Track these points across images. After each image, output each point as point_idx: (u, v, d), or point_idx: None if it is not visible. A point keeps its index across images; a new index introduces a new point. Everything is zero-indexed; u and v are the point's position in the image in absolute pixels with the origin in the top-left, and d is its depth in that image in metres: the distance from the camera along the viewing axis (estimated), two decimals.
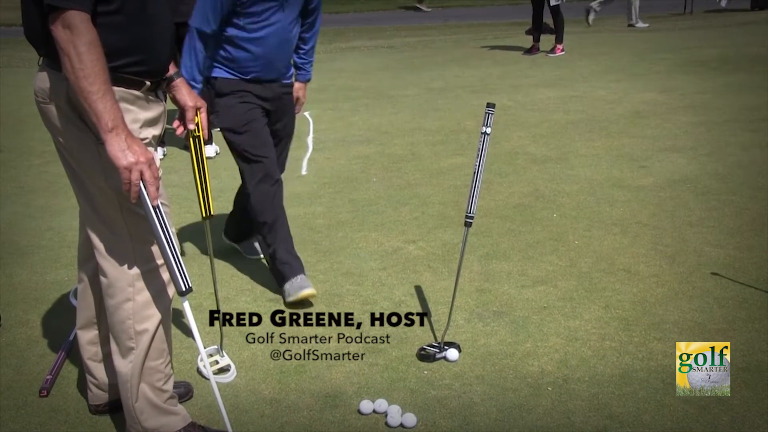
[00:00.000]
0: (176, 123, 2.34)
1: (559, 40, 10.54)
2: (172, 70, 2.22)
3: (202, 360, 2.72)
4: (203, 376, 2.73)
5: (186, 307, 2.09)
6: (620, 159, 5.35)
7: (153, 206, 1.96)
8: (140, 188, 1.93)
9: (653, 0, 18.25)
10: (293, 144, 3.65)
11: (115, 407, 2.45)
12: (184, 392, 2.56)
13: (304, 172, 5.47)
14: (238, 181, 3.41)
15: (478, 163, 2.80)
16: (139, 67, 2.01)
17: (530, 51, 10.79)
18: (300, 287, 3.21)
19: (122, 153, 1.87)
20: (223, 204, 4.64)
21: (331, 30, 16.72)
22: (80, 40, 1.80)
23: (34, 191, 5.14)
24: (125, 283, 2.14)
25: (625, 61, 9.53)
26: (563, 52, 10.43)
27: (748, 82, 7.82)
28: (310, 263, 3.73)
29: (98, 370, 2.43)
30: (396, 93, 8.31)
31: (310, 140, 6.33)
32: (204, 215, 2.47)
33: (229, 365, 2.78)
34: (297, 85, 3.53)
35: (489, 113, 2.84)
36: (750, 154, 5.30)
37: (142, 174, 1.91)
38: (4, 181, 5.39)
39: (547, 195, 4.65)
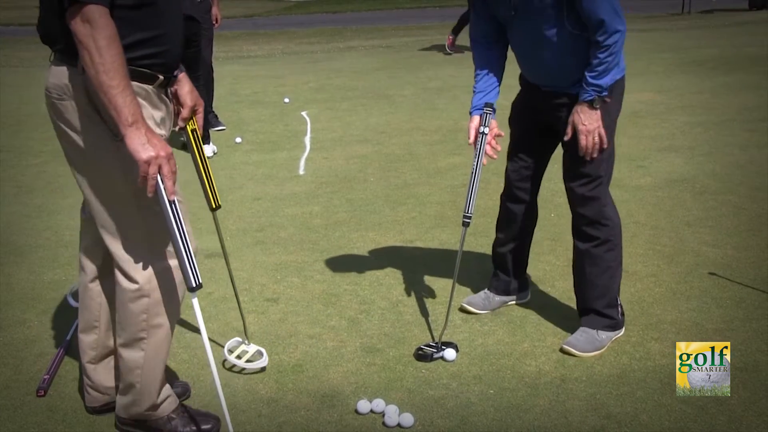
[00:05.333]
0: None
1: None
2: None
3: (230, 352, 2.74)
4: (230, 371, 2.73)
5: (195, 303, 2.09)
6: (618, 159, 5.24)
7: (169, 201, 1.97)
8: (157, 182, 1.94)
9: (651, 0, 18.29)
10: (291, 144, 3.63)
11: (112, 408, 2.44)
12: (181, 392, 2.56)
13: (301, 171, 5.46)
14: (236, 181, 3.39)
15: (475, 163, 2.81)
16: (153, 59, 2.01)
17: None
18: None
19: (143, 147, 1.88)
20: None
21: (328, 29, 16.73)
22: (100, 34, 1.80)
23: (31, 191, 5.13)
24: (142, 280, 2.15)
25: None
26: None
27: (746, 82, 7.82)
28: (308, 263, 3.73)
29: (96, 373, 2.42)
30: (393, 93, 8.30)
31: (307, 140, 6.33)
32: (212, 206, 2.47)
33: (259, 351, 2.78)
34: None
35: (487, 113, 2.84)
36: (748, 154, 5.31)
37: (160, 168, 1.92)
38: (2, 181, 5.38)
39: (544, 195, 4.61)
